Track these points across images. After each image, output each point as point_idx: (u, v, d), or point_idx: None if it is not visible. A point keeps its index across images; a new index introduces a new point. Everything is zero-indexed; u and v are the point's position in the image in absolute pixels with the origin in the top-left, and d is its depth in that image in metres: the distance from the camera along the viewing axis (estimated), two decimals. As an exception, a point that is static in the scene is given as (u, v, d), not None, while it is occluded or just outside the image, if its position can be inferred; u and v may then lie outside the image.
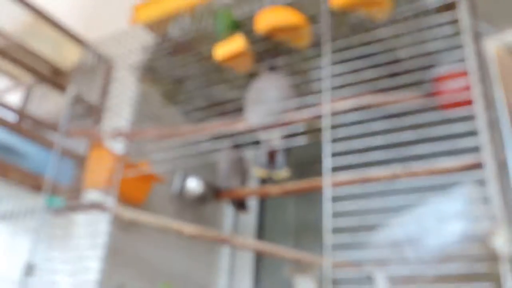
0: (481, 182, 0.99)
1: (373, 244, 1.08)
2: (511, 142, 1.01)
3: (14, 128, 1.96)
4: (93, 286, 1.45)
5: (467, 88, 1.13)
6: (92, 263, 1.49)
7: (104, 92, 2.07)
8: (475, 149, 1.03)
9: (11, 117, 1.99)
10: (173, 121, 1.78)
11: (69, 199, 1.70)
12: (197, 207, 2.35)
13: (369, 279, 1.84)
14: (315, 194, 2.37)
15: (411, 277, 0.99)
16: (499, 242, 0.89)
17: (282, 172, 1.74)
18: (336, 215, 1.10)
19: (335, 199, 1.13)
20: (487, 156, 0.99)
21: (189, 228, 1.74)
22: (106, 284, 1.75)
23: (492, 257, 0.89)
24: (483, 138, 1.00)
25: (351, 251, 1.04)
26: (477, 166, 1.01)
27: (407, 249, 1.02)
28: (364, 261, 1.15)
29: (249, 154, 2.57)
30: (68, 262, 1.51)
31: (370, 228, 1.11)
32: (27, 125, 2.05)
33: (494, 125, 1.13)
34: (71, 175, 1.81)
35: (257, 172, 1.77)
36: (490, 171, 0.97)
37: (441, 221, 0.99)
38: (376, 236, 1.08)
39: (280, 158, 1.74)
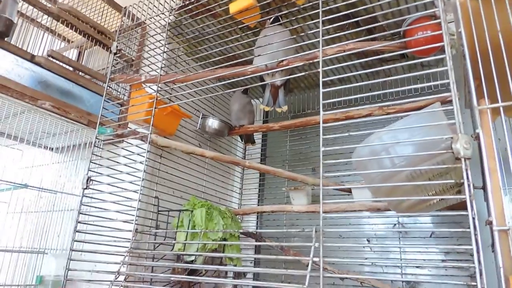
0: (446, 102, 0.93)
1: (356, 154, 1.03)
2: (471, 71, 0.93)
3: (72, 77, 1.89)
4: (135, 196, 1.41)
5: (435, 28, 1.06)
6: (134, 180, 1.46)
7: (141, 48, 1.99)
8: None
9: (69, 69, 1.92)
10: (194, 70, 1.69)
11: (115, 130, 1.65)
12: (215, 140, 2.31)
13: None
14: (304, 131, 2.34)
15: (387, 177, 0.95)
16: (459, 146, 0.84)
17: (283, 108, 1.68)
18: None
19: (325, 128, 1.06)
20: (451, 81, 0.92)
21: (209, 153, 1.70)
22: (144, 196, 1.74)
23: (454, 158, 0.84)
24: (448, 67, 0.93)
25: (340, 162, 0.99)
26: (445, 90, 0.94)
27: (384, 156, 0.96)
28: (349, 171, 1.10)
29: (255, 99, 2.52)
30: (116, 178, 1.48)
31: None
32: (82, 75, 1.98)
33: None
34: (117, 112, 1.76)
35: (264, 108, 1.71)
36: (453, 94, 0.91)
37: (412, 132, 0.94)
38: (359, 148, 1.02)
39: (281, 97, 1.67)
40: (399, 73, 2.10)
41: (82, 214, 1.46)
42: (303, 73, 1.17)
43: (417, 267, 1.78)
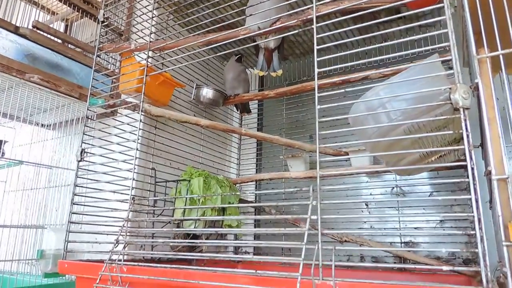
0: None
1: (352, 111, 1.01)
2: (470, 23, 0.90)
3: (60, 49, 1.84)
4: (130, 166, 1.40)
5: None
6: (128, 150, 1.44)
7: (129, 14, 1.93)
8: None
9: (57, 41, 1.86)
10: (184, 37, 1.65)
11: (107, 100, 1.62)
12: (210, 111, 2.29)
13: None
14: (300, 98, 2.31)
15: (384, 133, 0.94)
16: (458, 96, 0.82)
17: (278, 72, 1.64)
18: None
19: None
20: (449, 30, 0.89)
21: (204, 121, 1.68)
22: (141, 167, 1.73)
23: (453, 110, 0.82)
24: (446, 16, 0.90)
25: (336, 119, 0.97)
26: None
27: (380, 111, 0.95)
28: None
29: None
30: (110, 150, 1.46)
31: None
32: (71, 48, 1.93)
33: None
34: (108, 83, 1.72)
35: (259, 73, 1.67)
36: (452, 44, 0.88)
37: (410, 86, 0.91)
38: (355, 104, 1.00)
39: (275, 61, 1.64)
40: (396, 35, 2.06)
41: (78, 186, 1.45)
42: (297, 31, 1.13)
43: (415, 228, 1.80)
